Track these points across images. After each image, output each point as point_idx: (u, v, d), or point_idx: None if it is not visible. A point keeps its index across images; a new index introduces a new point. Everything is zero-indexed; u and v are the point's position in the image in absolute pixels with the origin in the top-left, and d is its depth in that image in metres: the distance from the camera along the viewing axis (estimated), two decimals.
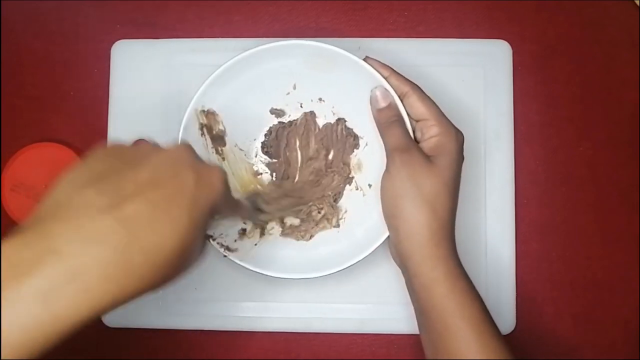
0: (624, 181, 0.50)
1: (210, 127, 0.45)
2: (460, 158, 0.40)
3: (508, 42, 0.50)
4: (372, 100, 0.42)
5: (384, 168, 0.41)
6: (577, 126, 0.50)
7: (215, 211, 0.32)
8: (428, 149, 0.40)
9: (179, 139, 0.42)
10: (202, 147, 0.44)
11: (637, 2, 0.51)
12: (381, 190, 0.41)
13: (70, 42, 0.52)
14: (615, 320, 0.49)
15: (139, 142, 0.31)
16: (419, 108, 0.41)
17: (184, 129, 0.43)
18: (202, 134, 0.44)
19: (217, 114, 0.45)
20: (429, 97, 0.41)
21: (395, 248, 0.40)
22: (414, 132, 0.42)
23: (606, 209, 0.50)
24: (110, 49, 0.51)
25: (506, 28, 0.51)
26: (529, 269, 0.49)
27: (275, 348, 0.49)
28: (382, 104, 0.41)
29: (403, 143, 0.40)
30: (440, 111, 0.41)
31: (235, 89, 0.44)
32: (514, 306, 0.48)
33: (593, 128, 0.50)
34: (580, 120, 0.50)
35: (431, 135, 0.40)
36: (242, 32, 0.51)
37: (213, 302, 0.48)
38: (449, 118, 0.41)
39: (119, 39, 0.51)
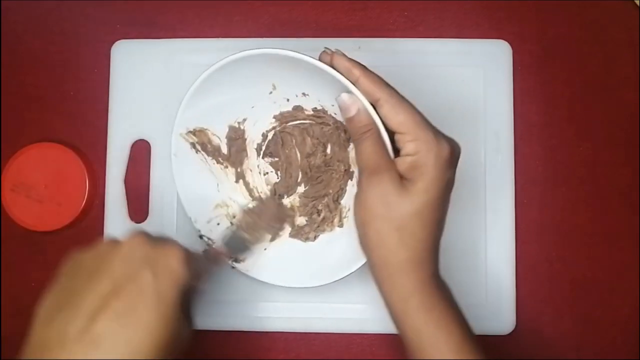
0: (624, 181, 0.50)
1: (204, 143, 0.45)
2: (443, 177, 0.34)
3: (508, 42, 0.50)
4: (341, 108, 0.37)
5: None
6: (577, 126, 0.50)
7: (186, 288, 0.33)
8: (403, 169, 0.35)
9: (172, 167, 0.43)
10: (202, 162, 0.45)
11: (637, 2, 0.51)
12: (353, 214, 0.37)
13: (70, 42, 0.52)
14: (615, 320, 0.49)
15: (98, 244, 0.34)
16: (393, 119, 0.34)
17: (174, 155, 0.43)
18: (197, 151, 0.44)
19: (207, 129, 0.44)
20: (407, 103, 0.35)
21: (370, 273, 0.38)
22: (393, 142, 0.36)
23: (606, 209, 0.50)
24: (110, 49, 0.51)
25: (506, 28, 0.51)
26: (529, 269, 0.49)
27: (275, 348, 0.49)
28: (352, 111, 0.36)
29: (372, 162, 0.35)
30: (421, 122, 0.34)
31: (215, 102, 0.43)
32: (514, 306, 0.48)
33: (593, 128, 0.50)
34: (580, 120, 0.50)
35: (407, 153, 0.34)
36: (242, 32, 0.51)
37: (213, 302, 0.48)
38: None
39: (119, 39, 0.51)
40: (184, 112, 0.42)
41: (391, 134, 0.36)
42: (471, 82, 0.50)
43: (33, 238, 0.50)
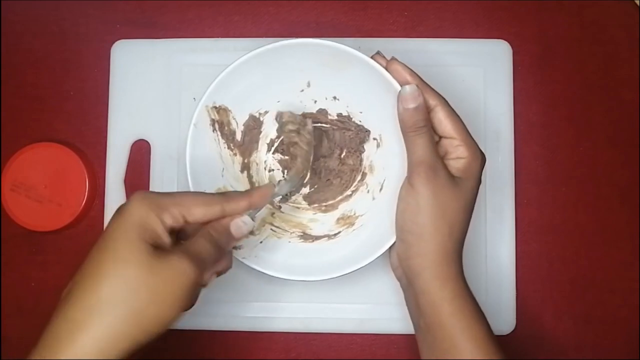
0: (624, 181, 0.50)
1: (222, 123, 0.44)
2: (480, 180, 0.40)
3: (508, 42, 0.50)
4: (401, 98, 0.38)
5: (398, 173, 0.40)
6: (577, 126, 0.50)
7: (149, 229, 0.32)
8: (455, 169, 0.38)
9: (189, 136, 0.42)
10: (214, 142, 0.44)
11: (637, 2, 0.51)
12: (400, 202, 0.39)
13: (70, 42, 0.52)
14: (615, 320, 0.49)
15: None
16: (447, 125, 0.38)
17: (194, 125, 0.42)
18: (214, 129, 0.44)
19: (230, 111, 0.44)
20: (455, 113, 0.39)
21: (403, 263, 0.39)
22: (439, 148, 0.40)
23: (606, 209, 0.50)
24: (110, 49, 0.51)
25: (506, 28, 0.51)
26: (529, 269, 0.49)
27: (275, 348, 0.49)
28: (411, 104, 0.38)
29: (430, 157, 0.38)
30: (467, 130, 0.39)
31: (247, 85, 0.43)
32: (514, 306, 0.48)
33: (593, 128, 0.50)
34: (580, 120, 0.50)
35: (459, 156, 0.38)
36: (242, 32, 0.52)
37: (213, 302, 0.48)
38: None
39: (119, 39, 0.51)
40: (219, 85, 0.42)
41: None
42: (471, 82, 0.50)
43: (33, 238, 0.50)
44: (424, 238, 0.37)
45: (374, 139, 0.46)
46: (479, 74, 0.50)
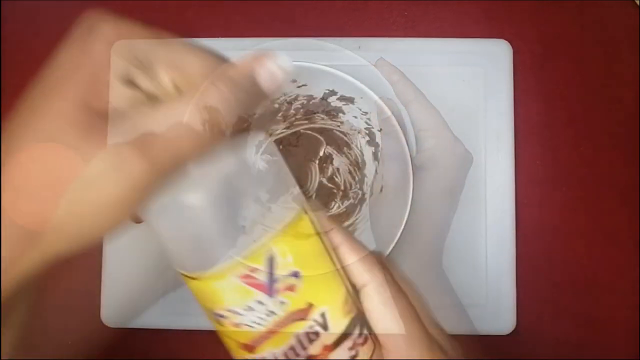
0: (624, 181, 0.50)
1: (213, 124, 0.44)
2: (452, 174, 0.40)
3: (508, 42, 0.50)
4: (378, 108, 0.42)
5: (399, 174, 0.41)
6: (577, 126, 0.50)
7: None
8: (420, 161, 0.39)
9: None
10: None
11: (637, 2, 0.51)
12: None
13: None
14: (615, 320, 0.49)
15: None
16: (420, 118, 0.40)
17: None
18: (204, 129, 0.44)
19: (220, 111, 0.44)
20: (433, 107, 0.41)
21: None
22: (416, 141, 0.41)
23: (606, 209, 0.50)
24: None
25: (506, 28, 0.51)
26: (529, 269, 0.49)
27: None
28: (389, 113, 0.41)
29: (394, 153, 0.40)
30: (443, 123, 0.40)
31: None
32: (514, 306, 0.48)
33: (593, 128, 0.50)
34: (580, 120, 0.50)
35: (427, 147, 0.40)
36: (242, 32, 0.51)
37: None
38: (449, 119, 0.41)
39: (119, 39, 0.51)
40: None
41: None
42: (471, 82, 0.50)
43: None
44: (385, 230, 0.39)
45: (362, 137, 0.46)
46: (479, 73, 0.50)
